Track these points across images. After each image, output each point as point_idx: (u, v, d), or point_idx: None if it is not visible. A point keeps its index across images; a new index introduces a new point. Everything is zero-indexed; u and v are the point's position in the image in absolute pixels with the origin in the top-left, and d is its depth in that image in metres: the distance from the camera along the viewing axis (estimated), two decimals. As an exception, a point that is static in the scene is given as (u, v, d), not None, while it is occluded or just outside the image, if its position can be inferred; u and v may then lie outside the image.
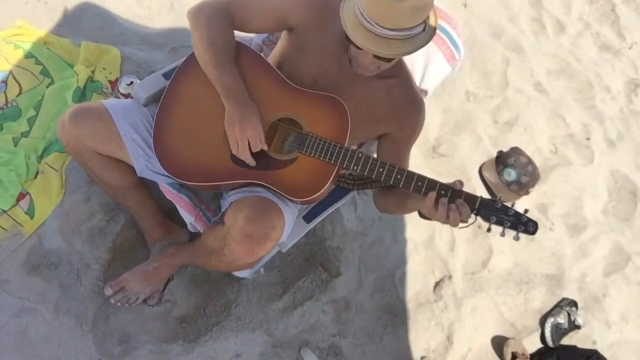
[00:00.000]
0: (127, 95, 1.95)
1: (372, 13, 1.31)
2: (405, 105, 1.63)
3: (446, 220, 1.39)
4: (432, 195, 1.40)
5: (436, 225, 2.45)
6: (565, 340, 2.42)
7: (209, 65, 1.53)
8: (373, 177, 1.50)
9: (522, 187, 2.64)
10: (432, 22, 1.40)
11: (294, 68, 1.60)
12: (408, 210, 1.59)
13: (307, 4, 1.55)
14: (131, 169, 1.64)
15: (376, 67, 1.50)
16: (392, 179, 1.47)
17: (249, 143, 1.50)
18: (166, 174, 1.59)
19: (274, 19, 1.57)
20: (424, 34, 1.39)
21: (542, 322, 2.43)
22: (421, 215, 1.52)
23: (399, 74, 1.61)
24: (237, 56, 1.58)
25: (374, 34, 1.34)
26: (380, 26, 1.32)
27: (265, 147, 1.52)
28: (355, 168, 1.50)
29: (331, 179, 1.52)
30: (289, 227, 1.61)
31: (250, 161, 1.52)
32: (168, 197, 1.74)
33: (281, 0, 1.56)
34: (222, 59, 1.53)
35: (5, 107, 2.01)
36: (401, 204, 1.60)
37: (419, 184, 1.45)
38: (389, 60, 1.46)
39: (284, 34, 1.64)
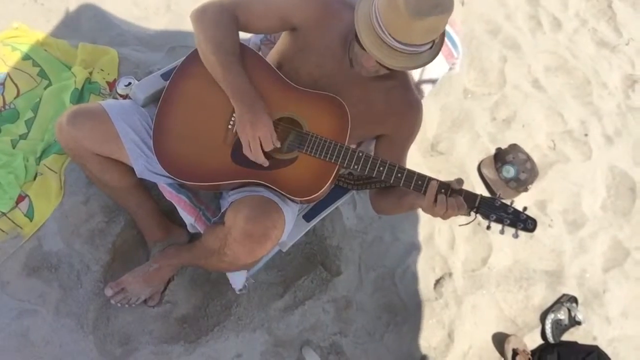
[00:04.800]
0: (125, 96, 1.95)
1: (388, 24, 1.32)
2: (403, 107, 1.64)
3: (445, 216, 1.40)
4: (432, 192, 1.40)
5: (436, 223, 2.45)
6: (566, 337, 2.42)
7: (216, 66, 1.52)
8: (373, 175, 1.50)
9: (521, 183, 2.64)
10: (438, 41, 1.42)
11: (294, 68, 1.60)
12: (405, 209, 1.59)
13: (310, 4, 1.55)
14: (130, 169, 1.64)
15: (375, 70, 1.51)
16: (393, 177, 1.48)
17: (260, 143, 1.50)
18: (166, 174, 1.59)
19: (278, 19, 1.57)
20: (430, 52, 1.41)
21: (543, 318, 2.43)
22: None
23: (398, 76, 1.61)
24: None
25: (383, 42, 1.35)
26: (392, 37, 1.33)
27: (277, 145, 1.52)
28: (355, 167, 1.50)
29: (331, 178, 1.52)
30: (289, 226, 1.61)
31: (263, 161, 1.52)
32: (168, 198, 1.74)
33: (284, 0, 1.56)
34: (230, 59, 1.52)
35: (2, 109, 2.00)
36: (398, 203, 1.60)
37: (419, 182, 1.45)
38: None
39: (284, 33, 1.64)
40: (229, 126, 1.58)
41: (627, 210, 2.86)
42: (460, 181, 1.43)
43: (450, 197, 1.40)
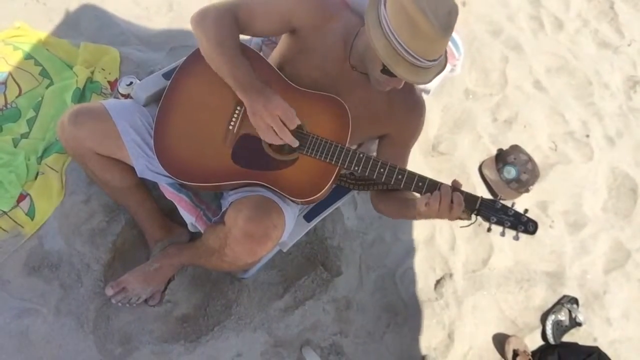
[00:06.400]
0: (126, 96, 1.95)
1: (420, 49, 1.33)
2: (405, 109, 1.64)
3: (441, 212, 1.39)
4: (428, 195, 1.41)
5: (437, 223, 2.45)
6: (567, 338, 2.42)
7: (219, 62, 1.52)
8: (374, 177, 1.50)
9: (522, 184, 2.64)
10: None
11: (295, 69, 1.60)
12: (407, 218, 1.61)
13: (310, 6, 1.55)
14: (131, 169, 1.64)
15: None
16: (393, 179, 1.48)
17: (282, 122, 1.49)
18: (166, 174, 1.59)
19: (279, 22, 1.57)
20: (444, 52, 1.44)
21: (543, 319, 2.43)
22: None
23: None
24: None
25: (416, 67, 1.37)
26: (426, 59, 1.35)
27: (298, 122, 1.50)
28: (356, 168, 1.50)
29: (332, 179, 1.52)
30: (290, 226, 1.61)
31: (292, 141, 1.50)
32: (168, 197, 1.74)
33: (285, 2, 1.56)
34: (232, 54, 1.52)
35: (4, 108, 2.01)
36: (399, 213, 1.61)
37: (420, 184, 1.45)
38: None
39: (284, 35, 1.64)
40: (230, 126, 1.58)
41: (629, 211, 2.86)
42: (457, 182, 1.43)
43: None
